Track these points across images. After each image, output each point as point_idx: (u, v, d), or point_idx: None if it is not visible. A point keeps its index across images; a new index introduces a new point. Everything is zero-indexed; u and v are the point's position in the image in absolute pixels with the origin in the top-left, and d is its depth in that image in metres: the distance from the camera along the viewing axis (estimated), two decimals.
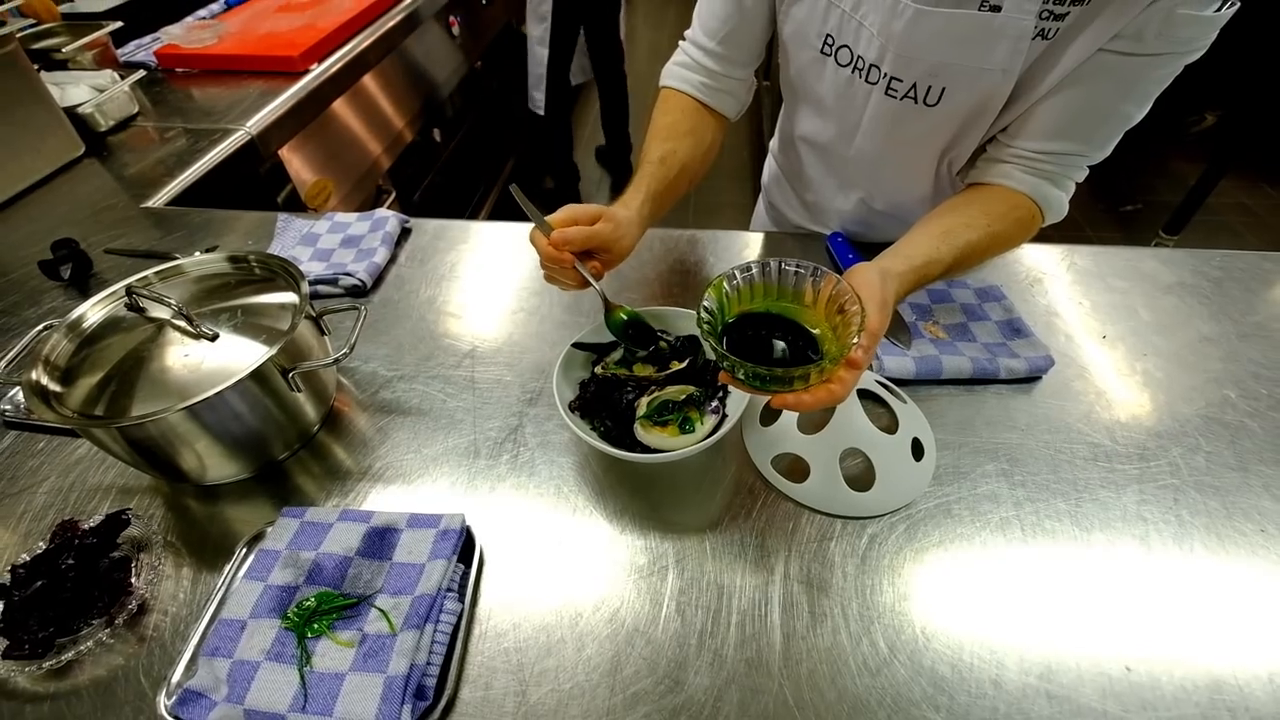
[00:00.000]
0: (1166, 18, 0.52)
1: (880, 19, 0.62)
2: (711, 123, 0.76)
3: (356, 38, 1.46)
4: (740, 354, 0.49)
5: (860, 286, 0.50)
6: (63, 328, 0.56)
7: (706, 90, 0.75)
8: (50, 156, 1.03)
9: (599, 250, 0.60)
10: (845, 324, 0.48)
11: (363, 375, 0.70)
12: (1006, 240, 0.66)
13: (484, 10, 2.19)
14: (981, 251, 0.63)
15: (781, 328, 0.53)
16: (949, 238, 0.61)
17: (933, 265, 0.59)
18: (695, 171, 0.74)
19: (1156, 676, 0.46)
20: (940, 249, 0.60)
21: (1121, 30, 0.54)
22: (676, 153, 0.70)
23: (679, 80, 0.76)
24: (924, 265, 0.58)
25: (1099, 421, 0.63)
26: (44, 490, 0.59)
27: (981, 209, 0.65)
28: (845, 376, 0.47)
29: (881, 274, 0.53)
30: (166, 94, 1.27)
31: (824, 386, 0.47)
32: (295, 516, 0.54)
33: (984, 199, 0.66)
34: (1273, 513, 0.55)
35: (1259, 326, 0.73)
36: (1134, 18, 0.53)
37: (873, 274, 0.52)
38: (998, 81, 0.60)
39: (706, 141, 0.75)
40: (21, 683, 0.47)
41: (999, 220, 0.64)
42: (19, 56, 0.97)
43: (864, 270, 0.53)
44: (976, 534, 0.55)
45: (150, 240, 0.90)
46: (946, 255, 0.60)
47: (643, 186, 0.67)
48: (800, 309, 0.53)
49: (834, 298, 0.51)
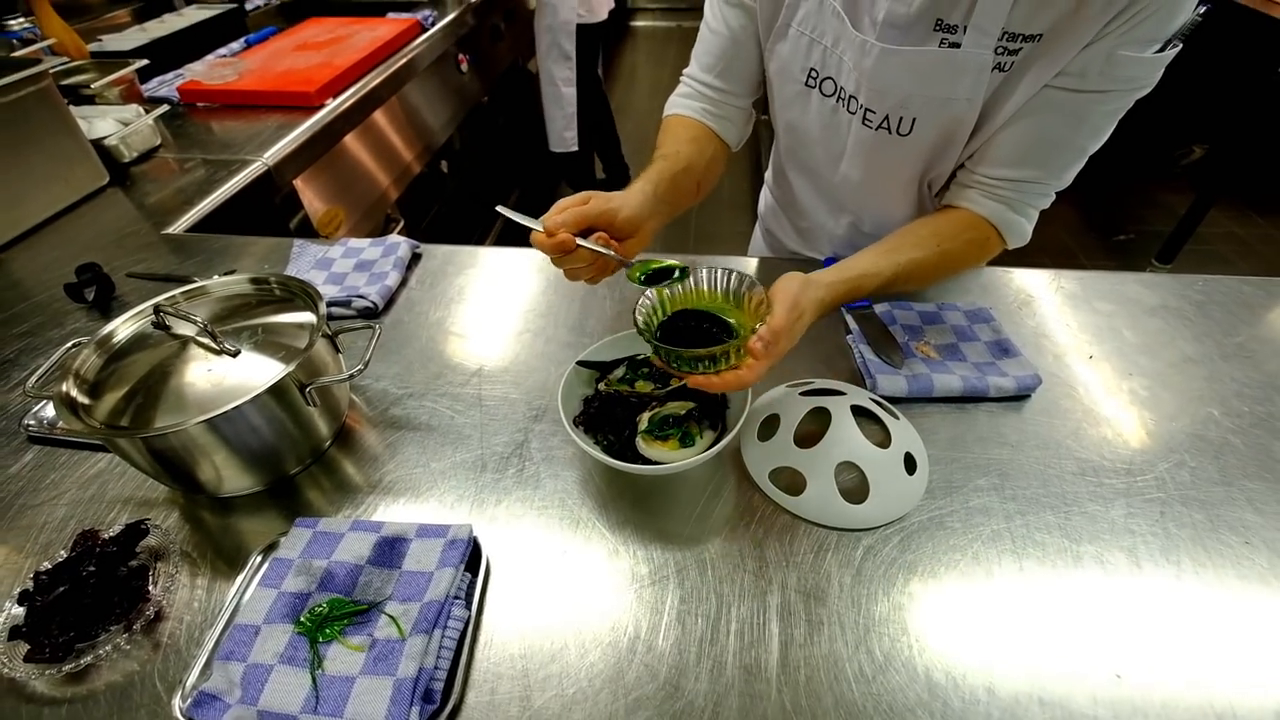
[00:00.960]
0: (1108, 58, 0.56)
1: (854, 56, 0.66)
2: (715, 140, 0.80)
3: (370, 74, 1.52)
4: (669, 341, 0.57)
5: (776, 291, 0.56)
6: (92, 343, 0.59)
7: (709, 115, 0.79)
8: (77, 185, 1.07)
9: (599, 226, 0.61)
10: (758, 320, 0.55)
11: (374, 393, 0.73)
12: (958, 260, 0.70)
13: (493, 48, 2.27)
14: (931, 269, 0.68)
15: (710, 323, 0.59)
16: (891, 254, 0.66)
17: (868, 278, 0.63)
18: (701, 174, 0.76)
19: (1146, 684, 0.47)
20: (879, 263, 0.65)
21: (1066, 67, 0.58)
22: (680, 153, 0.73)
23: (682, 107, 0.81)
24: (857, 278, 0.63)
25: (1087, 438, 0.65)
26: (65, 502, 0.61)
27: (932, 230, 0.69)
28: (752, 364, 0.53)
29: (804, 282, 0.58)
30: (188, 127, 1.32)
31: (732, 371, 0.53)
32: (308, 526, 0.56)
33: (939, 221, 0.70)
34: (1256, 525, 0.57)
35: (1240, 347, 0.75)
36: (1076, 56, 0.57)
37: (794, 281, 0.57)
38: (964, 110, 0.65)
39: (709, 152, 0.78)
40: (40, 687, 0.48)
41: (949, 240, 0.68)
42: (51, 92, 1.02)
43: (789, 278, 0.58)
44: (969, 545, 0.56)
45: (170, 265, 0.93)
46: (886, 269, 0.64)
47: (643, 174, 0.70)
48: (733, 310, 0.60)
49: (753, 299, 0.58)
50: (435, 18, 1.87)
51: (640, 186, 0.66)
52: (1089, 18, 0.55)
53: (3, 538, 0.58)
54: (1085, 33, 0.56)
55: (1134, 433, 0.66)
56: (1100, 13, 0.54)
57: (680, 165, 0.72)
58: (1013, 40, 0.59)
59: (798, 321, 0.56)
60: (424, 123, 1.81)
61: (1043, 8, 0.57)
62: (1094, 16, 0.55)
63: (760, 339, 0.52)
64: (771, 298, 0.55)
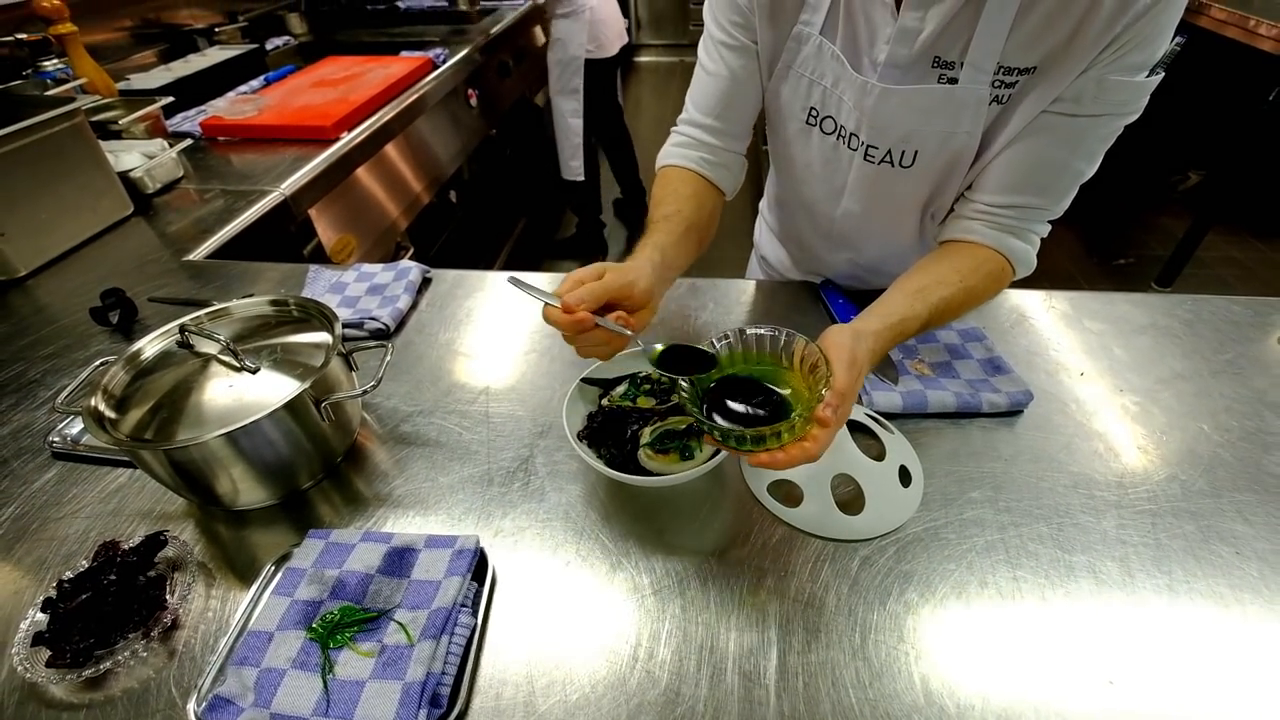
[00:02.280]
0: (1100, 83, 0.59)
1: (854, 96, 0.69)
2: (711, 192, 0.80)
3: (383, 109, 1.59)
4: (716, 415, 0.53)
5: (830, 347, 0.54)
6: (120, 360, 0.62)
7: (706, 165, 0.79)
8: (104, 215, 1.12)
9: (616, 302, 0.59)
10: (816, 383, 0.52)
11: (384, 410, 0.75)
12: (980, 294, 0.70)
13: (501, 84, 2.36)
14: (957, 306, 0.67)
15: (757, 390, 0.56)
16: (923, 295, 0.65)
17: (909, 322, 0.62)
18: (702, 231, 0.76)
19: (1139, 691, 0.48)
20: (915, 306, 0.63)
21: (1062, 94, 0.61)
22: (681, 211, 0.73)
23: (678, 158, 0.79)
24: (900, 323, 0.62)
25: (1079, 452, 0.67)
26: (86, 515, 0.64)
27: (952, 266, 0.69)
28: (818, 434, 0.50)
29: (854, 334, 0.56)
30: (209, 160, 1.38)
31: (797, 444, 0.49)
32: (320, 537, 0.58)
33: (954, 257, 0.70)
34: (1247, 536, 0.58)
35: (1229, 364, 0.77)
36: (1071, 82, 0.60)
37: (845, 335, 0.55)
38: (963, 142, 0.67)
39: (709, 207, 0.78)
40: (61, 691, 0.50)
41: (970, 275, 0.68)
42: (83, 128, 1.07)
43: (838, 331, 0.56)
44: (963, 556, 0.57)
45: (190, 290, 0.97)
46: (922, 311, 0.63)
47: (649, 239, 0.69)
48: (778, 370, 0.57)
49: (806, 359, 0.55)
50: (446, 56, 1.95)
51: (649, 255, 0.64)
52: (1081, 49, 0.58)
53: (28, 548, 0.61)
54: (1078, 63, 0.59)
55: (1125, 447, 0.67)
56: (1092, 45, 0.57)
57: (683, 227, 0.71)
58: (1008, 74, 0.62)
59: (858, 378, 0.53)
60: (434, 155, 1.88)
61: (1036, 42, 0.60)
62: (1086, 49, 0.58)
63: (829, 405, 0.49)
64: (826, 356, 0.52)
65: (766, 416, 0.54)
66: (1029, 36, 0.60)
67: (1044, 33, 0.59)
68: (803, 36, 0.71)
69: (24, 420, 0.75)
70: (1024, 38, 0.60)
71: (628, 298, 0.58)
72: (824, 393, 0.50)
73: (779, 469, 0.51)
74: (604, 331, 0.56)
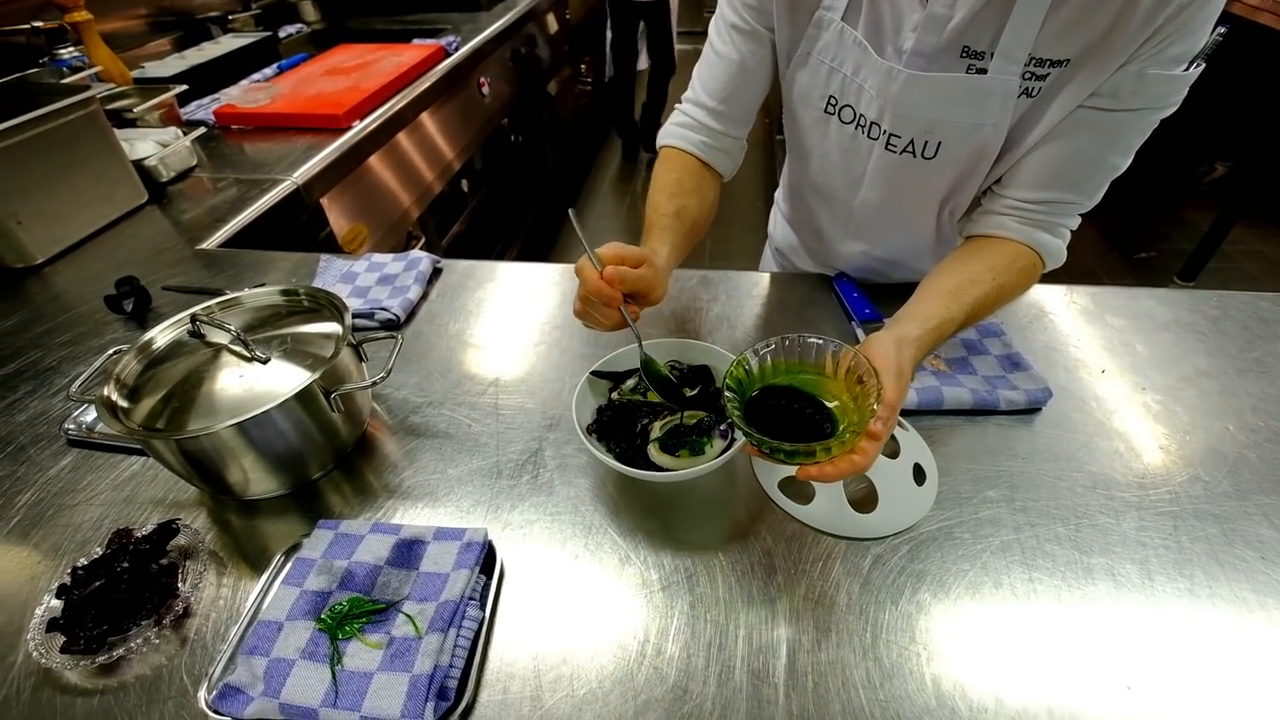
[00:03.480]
0: (1139, 77, 0.57)
1: (878, 83, 0.67)
2: (712, 181, 0.81)
3: (395, 98, 1.58)
4: (762, 427, 0.52)
5: (876, 358, 0.53)
6: (133, 350, 0.62)
7: (706, 149, 0.79)
8: (119, 204, 1.13)
9: (639, 294, 0.61)
10: (864, 394, 0.51)
11: (394, 401, 0.75)
12: (1013, 290, 0.68)
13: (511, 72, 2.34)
14: (991, 304, 0.65)
15: (801, 400, 0.55)
16: (959, 296, 0.63)
17: (947, 324, 0.61)
18: (701, 228, 0.78)
19: (1157, 697, 0.47)
20: (952, 308, 0.62)
21: (1099, 89, 0.59)
22: (687, 208, 0.74)
23: (680, 139, 0.80)
24: (939, 326, 0.60)
25: (1098, 451, 0.65)
26: (100, 502, 0.64)
27: (985, 264, 0.67)
28: (867, 447, 0.49)
29: (898, 342, 0.55)
30: (222, 148, 1.38)
31: (846, 458, 0.49)
32: (330, 528, 0.58)
33: (985, 253, 0.68)
34: (1273, 540, 0.57)
35: (1256, 362, 0.75)
36: (1109, 77, 0.58)
37: (889, 344, 0.55)
38: (989, 135, 0.65)
39: (709, 200, 0.79)
40: (74, 677, 0.50)
41: (1003, 272, 0.66)
42: (98, 116, 1.07)
43: (880, 340, 0.56)
44: (978, 556, 0.56)
45: (203, 278, 0.98)
46: (958, 313, 0.62)
47: (666, 239, 0.69)
48: (821, 380, 0.56)
49: (852, 369, 0.53)
50: (458, 44, 1.93)
51: (668, 262, 0.68)
52: (1120, 43, 0.56)
53: (43, 535, 0.61)
54: (1116, 57, 0.56)
55: (1147, 447, 0.66)
56: (1132, 38, 0.55)
57: (689, 225, 0.74)
58: (1040, 66, 0.60)
59: (905, 389, 0.54)
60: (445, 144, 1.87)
61: (1071, 34, 0.58)
62: (1125, 42, 0.55)
63: (880, 419, 0.49)
64: (872, 365, 0.52)
65: (814, 429, 0.53)
66: (1064, 27, 0.57)
67: (1080, 24, 0.57)
68: (824, 22, 0.69)
69: (40, 407, 0.76)
70: (1058, 29, 0.58)
71: (647, 295, 0.62)
72: (875, 406, 0.49)
73: (827, 480, 0.50)
74: (617, 315, 0.60)
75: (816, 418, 0.54)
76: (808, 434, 0.53)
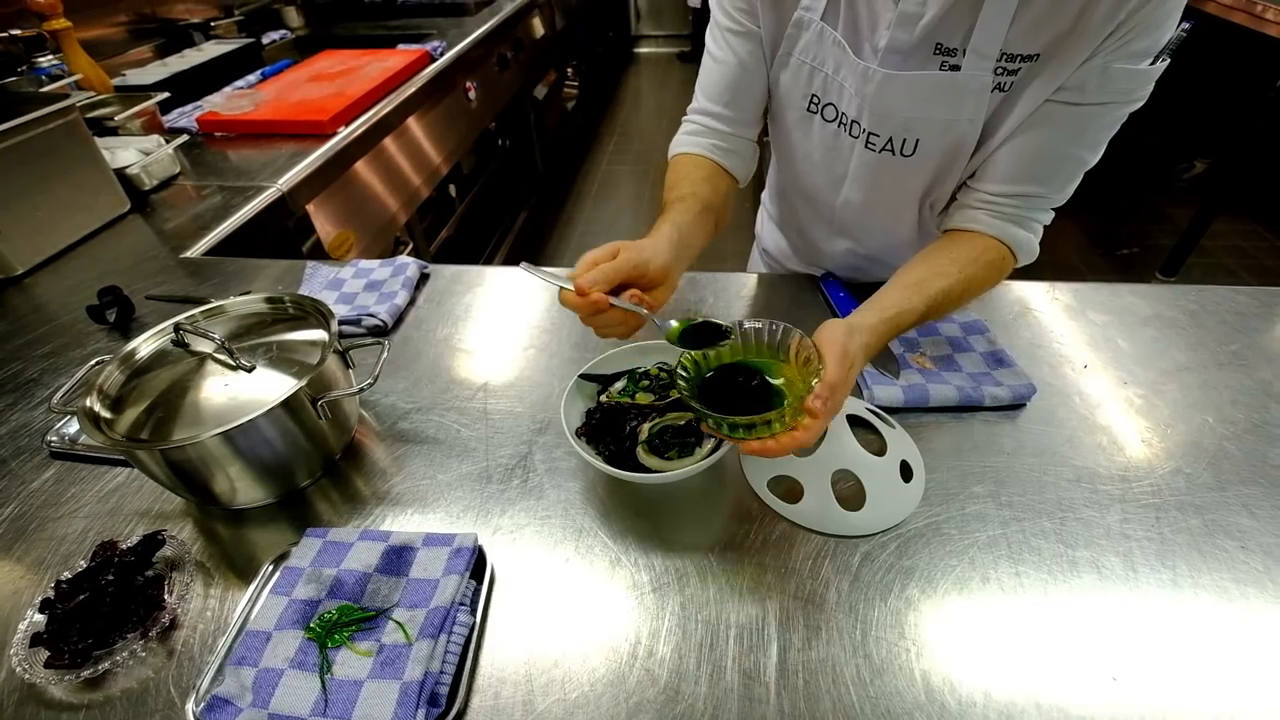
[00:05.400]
0: (1104, 71, 0.58)
1: (856, 82, 0.68)
2: (726, 177, 0.80)
3: (381, 103, 1.57)
4: (712, 404, 0.54)
5: (823, 342, 0.54)
6: (115, 360, 0.61)
7: (718, 151, 0.79)
8: (100, 213, 1.12)
9: (631, 281, 0.59)
10: (809, 375, 0.53)
11: (383, 408, 0.75)
12: (980, 283, 0.69)
13: (498, 77, 2.34)
14: (956, 297, 0.67)
15: (752, 379, 0.58)
16: (921, 288, 0.64)
17: (905, 315, 0.62)
18: (717, 213, 0.75)
19: (1142, 687, 0.48)
20: (912, 299, 0.63)
21: (1065, 82, 0.60)
22: (696, 193, 0.73)
23: (690, 146, 0.79)
24: (895, 316, 0.62)
25: (1082, 445, 0.66)
26: (84, 514, 0.63)
27: (951, 257, 0.68)
28: (809, 424, 0.51)
29: (848, 329, 0.56)
30: (206, 156, 1.37)
31: (788, 433, 0.51)
32: (318, 536, 0.57)
33: (954, 247, 0.70)
34: (1252, 530, 0.58)
35: (1234, 356, 0.76)
36: (1075, 71, 0.59)
37: (839, 329, 0.56)
38: (965, 130, 0.66)
39: (723, 190, 0.78)
40: (59, 692, 0.50)
41: (969, 265, 0.67)
42: (78, 125, 1.06)
43: (832, 326, 0.57)
44: (965, 551, 0.57)
45: (188, 287, 0.97)
46: (919, 304, 0.63)
47: (665, 218, 0.68)
48: (775, 363, 0.59)
49: (800, 351, 0.56)
50: (444, 48, 1.93)
51: (666, 232, 0.65)
52: (1084, 37, 0.57)
53: (26, 548, 0.60)
54: (1081, 50, 0.58)
55: (1129, 440, 0.67)
56: (1095, 32, 0.56)
57: (699, 206, 0.71)
58: (1011, 61, 0.61)
59: (850, 371, 0.54)
60: (432, 149, 1.87)
61: (1038, 30, 0.59)
62: (1089, 36, 0.57)
63: (818, 397, 0.50)
64: (819, 349, 0.53)
65: (759, 405, 0.55)
66: (1032, 23, 0.59)
67: (1048, 19, 0.58)
68: (803, 22, 0.70)
69: (22, 419, 0.75)
70: (1027, 24, 0.59)
71: (643, 276, 0.59)
72: (814, 384, 0.51)
73: (770, 456, 0.52)
74: (621, 311, 0.57)
75: (766, 396, 0.57)
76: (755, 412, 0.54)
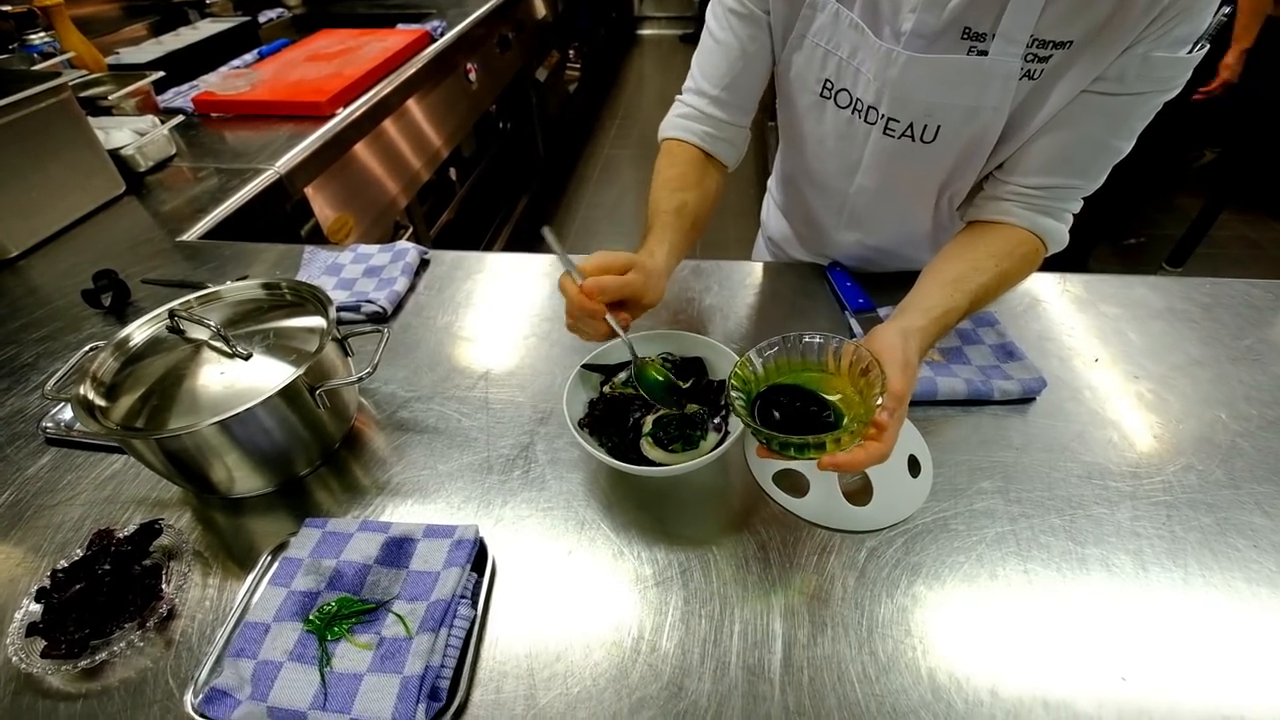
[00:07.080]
0: (1144, 60, 0.56)
1: (875, 65, 0.66)
2: (715, 173, 0.79)
3: (380, 84, 1.55)
4: (770, 426, 0.53)
5: (881, 350, 0.53)
6: (109, 347, 0.60)
7: (709, 139, 0.77)
8: (94, 194, 1.10)
9: (628, 301, 0.59)
10: (869, 386, 0.52)
11: (382, 396, 0.74)
12: (1015, 276, 0.67)
13: (499, 58, 2.30)
14: (993, 291, 0.65)
15: (804, 398, 0.56)
16: (961, 284, 0.62)
17: (951, 313, 0.61)
18: (703, 223, 0.76)
19: (1152, 687, 0.47)
20: (955, 296, 0.61)
21: (1104, 73, 0.58)
22: (688, 204, 0.72)
23: (682, 131, 0.77)
24: (943, 315, 0.60)
25: (1092, 441, 0.65)
26: (81, 502, 0.63)
27: (986, 251, 0.66)
28: (882, 436, 0.49)
29: (902, 334, 0.55)
30: (202, 137, 1.35)
31: (862, 448, 0.49)
32: (317, 527, 0.57)
33: (987, 239, 0.68)
34: (1265, 529, 0.57)
35: (1249, 350, 0.75)
36: (1113, 61, 0.57)
37: (894, 335, 0.54)
38: (990, 118, 0.64)
39: (712, 193, 0.77)
40: (57, 682, 0.49)
41: (1005, 259, 0.65)
42: (71, 104, 1.04)
43: (885, 332, 0.55)
44: (973, 548, 0.56)
45: (184, 271, 0.95)
46: (962, 302, 0.61)
47: (665, 238, 0.67)
48: (824, 376, 0.56)
49: (855, 363, 0.54)
50: (444, 28, 1.90)
51: (666, 261, 0.65)
52: (1125, 24, 0.55)
53: (21, 537, 0.60)
54: (1121, 39, 0.56)
55: (1140, 436, 0.66)
56: (1137, 20, 0.54)
57: (690, 221, 0.71)
58: (1042, 48, 0.59)
59: (913, 380, 0.53)
60: (432, 131, 1.84)
61: (1074, 16, 0.57)
62: (1130, 23, 0.54)
63: (886, 409, 0.49)
64: (878, 358, 0.52)
65: (819, 425, 0.53)
66: (1068, 9, 0.56)
67: (1084, 7, 0.56)
68: (818, 3, 0.67)
69: (17, 405, 0.74)
70: (1062, 11, 0.56)
71: (639, 300, 0.59)
72: (879, 396, 0.50)
73: (844, 471, 0.51)
74: (605, 323, 0.58)
75: (822, 414, 0.54)
76: (814, 430, 0.52)
